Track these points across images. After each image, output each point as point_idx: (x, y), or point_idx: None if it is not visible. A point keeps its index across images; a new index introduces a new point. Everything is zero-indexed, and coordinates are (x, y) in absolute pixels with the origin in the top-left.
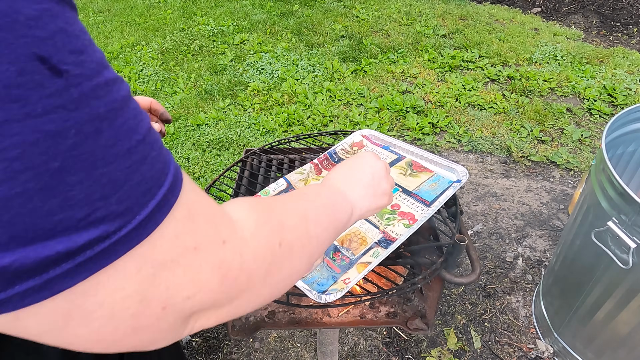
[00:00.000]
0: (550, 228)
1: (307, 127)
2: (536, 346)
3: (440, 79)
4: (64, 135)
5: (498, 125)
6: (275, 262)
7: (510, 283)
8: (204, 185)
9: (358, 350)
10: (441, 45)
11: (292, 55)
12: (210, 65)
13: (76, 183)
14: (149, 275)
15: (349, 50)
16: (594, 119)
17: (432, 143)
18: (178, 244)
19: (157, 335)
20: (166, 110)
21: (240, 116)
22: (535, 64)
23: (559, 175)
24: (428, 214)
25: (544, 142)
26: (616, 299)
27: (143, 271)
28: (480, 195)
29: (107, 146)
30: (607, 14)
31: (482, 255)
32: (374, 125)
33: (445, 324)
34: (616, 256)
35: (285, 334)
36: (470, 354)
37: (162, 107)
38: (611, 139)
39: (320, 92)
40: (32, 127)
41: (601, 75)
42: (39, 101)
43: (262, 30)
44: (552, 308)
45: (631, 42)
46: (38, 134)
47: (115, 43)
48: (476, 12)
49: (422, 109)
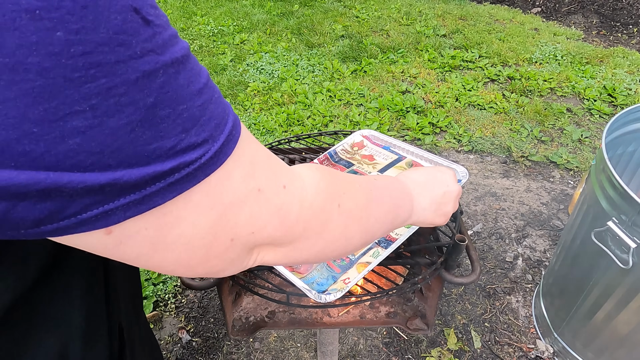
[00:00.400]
0: (550, 228)
1: (307, 127)
2: (536, 346)
3: (440, 79)
4: (155, 75)
5: (498, 125)
6: (332, 220)
7: (510, 283)
8: None
9: (358, 350)
10: (441, 45)
11: (292, 55)
12: (210, 65)
13: (165, 117)
14: (220, 213)
15: (349, 50)
16: (594, 119)
17: (432, 143)
18: (244, 186)
19: (226, 263)
20: None
21: (240, 116)
22: (535, 64)
23: (559, 175)
24: None
25: (544, 142)
26: (616, 299)
27: (215, 209)
28: (480, 195)
29: (184, 86)
30: (607, 14)
31: (482, 255)
32: (374, 125)
33: (445, 324)
34: (616, 256)
35: (285, 334)
36: (470, 354)
37: None
38: (611, 139)
39: (320, 92)
40: (134, 67)
41: (601, 75)
42: (137, 45)
43: (262, 30)
44: (552, 308)
45: (631, 42)
46: (138, 73)
47: None
48: (476, 12)
49: (422, 109)
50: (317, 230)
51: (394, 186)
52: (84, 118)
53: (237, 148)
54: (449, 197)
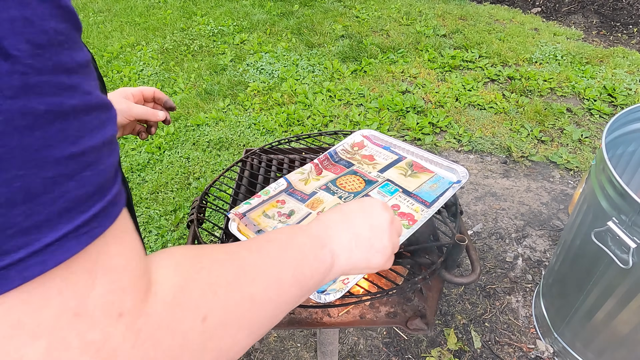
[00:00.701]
0: (550, 228)
1: (307, 127)
2: (536, 346)
3: (440, 79)
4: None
5: (498, 125)
6: (192, 345)
7: (510, 283)
8: (204, 185)
9: (358, 350)
10: (441, 45)
11: (292, 55)
12: (210, 65)
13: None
14: (8, 336)
15: (349, 50)
16: (594, 119)
17: (432, 143)
18: (55, 304)
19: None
20: (170, 99)
21: (240, 116)
22: (535, 64)
23: (559, 175)
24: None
25: (544, 142)
26: (616, 299)
27: (15, 329)
28: (480, 195)
29: (33, 148)
30: (607, 14)
31: (482, 255)
32: (374, 125)
33: (445, 324)
34: (616, 256)
35: (285, 334)
36: (470, 354)
37: (165, 96)
38: (611, 139)
39: (320, 92)
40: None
41: (601, 75)
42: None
43: (262, 30)
44: (552, 308)
45: (631, 42)
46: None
47: (115, 43)
48: (476, 12)
49: (422, 109)
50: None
51: (296, 243)
52: None
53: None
54: (381, 228)
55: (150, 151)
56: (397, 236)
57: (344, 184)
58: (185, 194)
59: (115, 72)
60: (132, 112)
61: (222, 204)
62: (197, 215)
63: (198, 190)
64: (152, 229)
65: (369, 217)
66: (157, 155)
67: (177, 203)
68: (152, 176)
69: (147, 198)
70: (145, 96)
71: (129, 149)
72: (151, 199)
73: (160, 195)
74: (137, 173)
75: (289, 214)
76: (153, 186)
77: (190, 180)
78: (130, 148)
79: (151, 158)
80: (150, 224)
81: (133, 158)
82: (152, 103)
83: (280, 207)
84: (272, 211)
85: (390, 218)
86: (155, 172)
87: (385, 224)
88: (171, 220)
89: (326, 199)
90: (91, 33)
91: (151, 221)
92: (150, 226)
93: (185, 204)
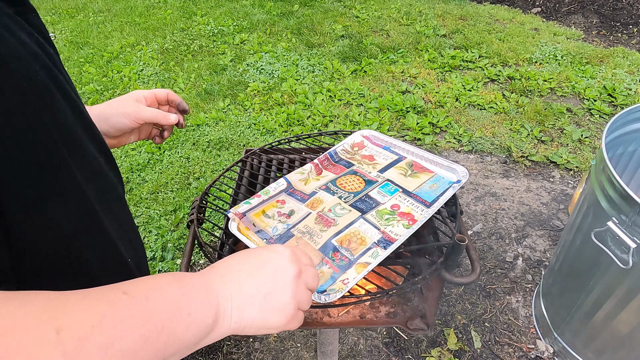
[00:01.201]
0: (550, 228)
1: (307, 127)
2: (536, 346)
3: (440, 79)
4: None
5: (498, 125)
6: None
7: (510, 283)
8: (204, 185)
9: (358, 350)
10: (441, 45)
11: (292, 55)
12: (210, 65)
13: None
14: None
15: (349, 50)
16: (594, 119)
17: (432, 143)
18: None
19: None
20: (183, 101)
21: (240, 116)
22: (535, 64)
23: (559, 175)
24: (428, 215)
25: (544, 142)
26: (616, 299)
27: None
28: (480, 195)
29: None
30: (607, 14)
31: (482, 255)
32: (374, 125)
33: (445, 324)
34: (616, 256)
35: (285, 334)
36: (470, 354)
37: (178, 98)
38: (611, 139)
39: (320, 92)
40: None
41: (601, 75)
42: None
43: (262, 30)
44: (552, 308)
45: (631, 42)
46: None
47: (115, 43)
48: (476, 12)
49: (422, 109)
50: None
51: (168, 293)
52: None
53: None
54: (283, 282)
55: (150, 151)
56: (305, 292)
57: (344, 184)
58: (185, 194)
59: (115, 72)
60: (141, 115)
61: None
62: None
63: (198, 190)
64: (152, 229)
65: (272, 271)
66: (157, 155)
67: (177, 203)
68: (152, 176)
69: (147, 198)
70: (158, 99)
71: (129, 148)
72: (151, 199)
73: (160, 195)
74: (137, 173)
75: (289, 214)
76: (153, 186)
77: (190, 180)
78: (130, 148)
79: (151, 158)
80: (150, 224)
81: (133, 158)
82: (167, 106)
83: (280, 207)
84: (272, 211)
85: (296, 272)
86: (155, 172)
87: (288, 279)
88: (171, 220)
89: (326, 199)
90: (91, 33)
91: (151, 221)
92: (150, 226)
93: (185, 204)
